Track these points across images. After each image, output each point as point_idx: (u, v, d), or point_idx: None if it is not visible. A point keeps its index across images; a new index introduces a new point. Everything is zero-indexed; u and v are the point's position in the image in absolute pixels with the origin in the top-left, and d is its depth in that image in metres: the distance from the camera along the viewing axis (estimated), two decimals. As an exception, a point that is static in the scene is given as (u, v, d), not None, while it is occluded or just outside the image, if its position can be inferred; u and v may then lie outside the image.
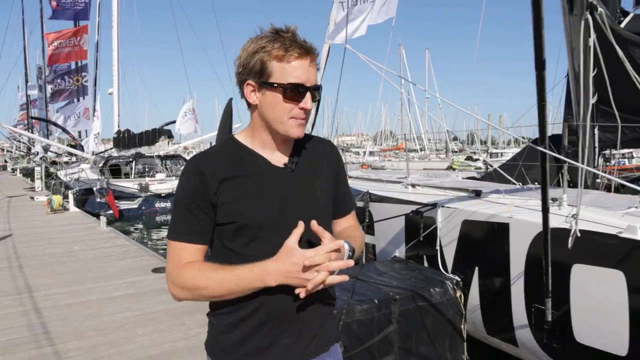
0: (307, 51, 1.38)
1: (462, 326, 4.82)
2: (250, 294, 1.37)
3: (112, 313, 5.29)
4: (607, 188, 5.96)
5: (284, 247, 1.31)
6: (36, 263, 7.66)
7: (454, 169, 16.78)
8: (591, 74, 3.97)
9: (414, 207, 5.39)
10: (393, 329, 4.38)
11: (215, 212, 1.39)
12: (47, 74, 19.31)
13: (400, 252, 5.78)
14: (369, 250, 6.60)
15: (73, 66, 20.00)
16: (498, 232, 4.24)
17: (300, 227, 1.34)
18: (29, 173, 26.42)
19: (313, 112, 10.28)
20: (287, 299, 1.40)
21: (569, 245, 3.37)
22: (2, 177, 31.37)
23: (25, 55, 27.46)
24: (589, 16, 3.06)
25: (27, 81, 27.16)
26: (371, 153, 56.14)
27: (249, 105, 1.45)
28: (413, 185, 6.23)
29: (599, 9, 3.11)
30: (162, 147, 20.65)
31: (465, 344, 4.85)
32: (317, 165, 1.54)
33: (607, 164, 6.41)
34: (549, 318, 3.79)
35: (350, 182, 7.34)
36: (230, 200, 1.38)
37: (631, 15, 5.93)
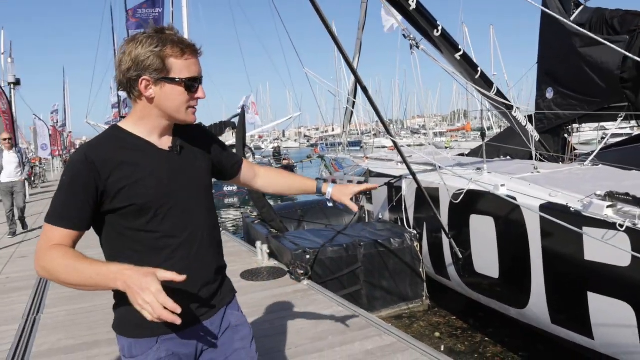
0: (197, 49, 1.52)
1: (421, 269, 6.25)
2: (156, 263, 1.41)
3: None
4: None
5: (150, 269, 1.31)
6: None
7: (446, 147, 17.84)
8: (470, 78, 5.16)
9: (392, 180, 6.87)
10: (358, 266, 5.91)
11: (102, 200, 1.44)
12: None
13: (385, 215, 7.26)
14: (371, 215, 8.11)
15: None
16: (433, 195, 5.64)
17: (180, 278, 1.33)
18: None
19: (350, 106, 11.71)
20: (191, 268, 1.53)
21: (454, 200, 4.78)
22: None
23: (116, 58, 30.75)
24: (414, 51, 4.37)
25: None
26: (441, 134, 56.45)
27: (139, 97, 1.50)
28: (401, 162, 7.63)
29: (421, 46, 4.37)
30: (228, 138, 22.79)
31: (425, 284, 6.29)
32: (196, 146, 1.68)
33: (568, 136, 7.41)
34: (460, 255, 5.20)
35: (366, 162, 8.92)
36: (126, 185, 1.44)
37: (581, 7, 6.97)
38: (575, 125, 7.21)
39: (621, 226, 3.24)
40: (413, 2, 4.15)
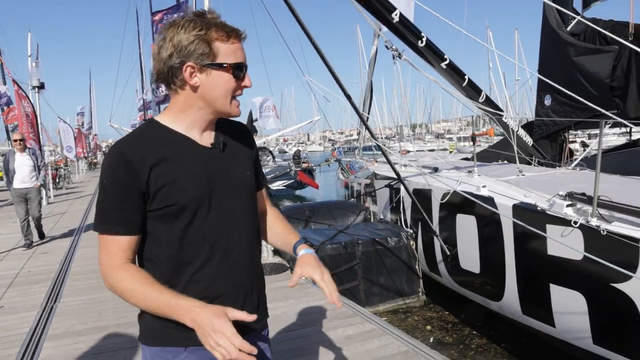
0: (241, 34, 1.39)
1: (417, 267, 6.56)
2: (191, 270, 1.38)
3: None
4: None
5: (221, 309, 1.26)
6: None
7: (450, 152, 18.10)
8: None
9: (391, 182, 7.20)
10: (356, 263, 6.26)
11: (145, 200, 1.34)
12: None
13: (387, 215, 7.59)
14: (375, 215, 8.44)
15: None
16: (427, 196, 5.95)
17: (251, 317, 1.28)
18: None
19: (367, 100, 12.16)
20: (229, 276, 1.43)
21: (440, 201, 5.09)
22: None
23: (141, 62, 31.51)
24: (397, 61, 4.69)
25: (142, 86, 31.12)
26: (464, 138, 56.30)
27: (181, 87, 1.37)
28: (405, 165, 7.95)
29: (403, 57, 4.69)
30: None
31: (421, 281, 6.59)
32: (240, 145, 1.54)
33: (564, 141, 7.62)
34: (448, 253, 5.50)
35: (375, 165, 9.32)
36: (165, 183, 1.33)
37: (577, 18, 7.19)
38: (589, 131, 7.40)
39: (575, 223, 3.53)
40: (396, 15, 4.49)
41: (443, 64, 5.02)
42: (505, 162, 7.48)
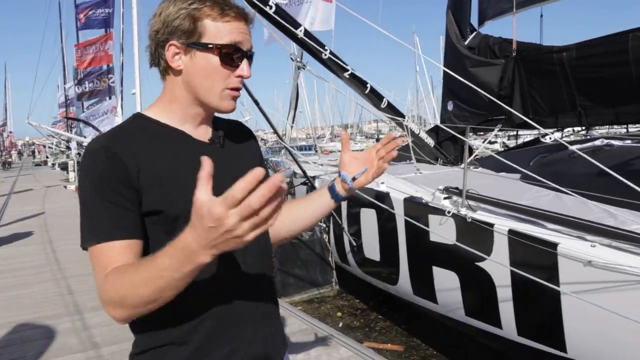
0: (244, 14, 1.18)
1: (330, 258, 7.07)
2: (195, 297, 1.08)
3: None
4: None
5: (193, 206, 0.86)
6: (62, 228, 10.26)
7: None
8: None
9: (306, 180, 7.67)
10: (272, 255, 6.65)
11: (139, 198, 1.07)
12: (78, 76, 21.78)
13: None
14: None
15: (105, 68, 22.45)
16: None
17: (206, 178, 0.84)
18: (65, 167, 28.96)
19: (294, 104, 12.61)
20: (246, 299, 1.19)
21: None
22: (43, 170, 35.21)
23: (63, 56, 30.22)
24: (301, 70, 5.19)
25: (65, 81, 29.81)
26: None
27: (166, 72, 1.18)
28: (322, 165, 8.45)
29: (307, 67, 5.22)
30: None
31: (334, 271, 7.11)
32: (242, 143, 1.34)
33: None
34: (354, 243, 6.03)
35: (294, 165, 9.69)
36: (158, 181, 1.09)
37: (474, 33, 7.99)
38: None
39: (449, 212, 4.12)
40: (301, 31, 4.94)
41: (346, 74, 5.53)
42: (412, 162, 8.15)
